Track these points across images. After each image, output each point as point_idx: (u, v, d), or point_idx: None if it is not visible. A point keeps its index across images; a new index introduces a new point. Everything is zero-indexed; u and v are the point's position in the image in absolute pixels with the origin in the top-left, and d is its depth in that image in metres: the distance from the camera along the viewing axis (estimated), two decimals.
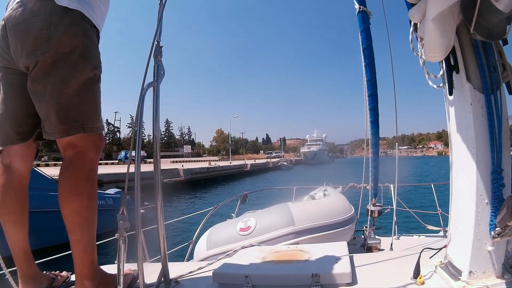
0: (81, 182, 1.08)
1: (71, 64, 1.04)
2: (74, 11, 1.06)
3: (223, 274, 1.23)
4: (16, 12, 1.03)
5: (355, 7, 2.03)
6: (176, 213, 10.55)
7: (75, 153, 1.10)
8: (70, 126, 1.05)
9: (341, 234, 2.00)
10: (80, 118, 1.07)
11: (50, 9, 1.02)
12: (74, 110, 1.06)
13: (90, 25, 1.12)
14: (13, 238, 1.17)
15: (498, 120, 0.96)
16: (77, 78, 1.06)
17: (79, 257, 1.08)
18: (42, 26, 1.01)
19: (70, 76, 1.04)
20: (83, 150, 1.10)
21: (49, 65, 1.02)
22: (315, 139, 79.56)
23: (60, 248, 1.53)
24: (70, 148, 1.10)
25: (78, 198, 1.06)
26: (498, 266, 0.96)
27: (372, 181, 2.24)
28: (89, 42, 1.10)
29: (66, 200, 1.05)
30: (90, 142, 1.11)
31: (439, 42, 0.96)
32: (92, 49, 1.11)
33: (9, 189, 1.16)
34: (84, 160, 1.10)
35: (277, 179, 27.52)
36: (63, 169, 1.09)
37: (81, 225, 1.07)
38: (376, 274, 1.20)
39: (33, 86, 1.05)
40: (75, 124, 1.06)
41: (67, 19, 1.04)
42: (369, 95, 2.13)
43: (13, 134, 1.15)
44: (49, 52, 1.01)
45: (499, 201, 0.92)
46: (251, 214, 2.29)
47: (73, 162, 1.09)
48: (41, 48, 1.01)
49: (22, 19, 1.02)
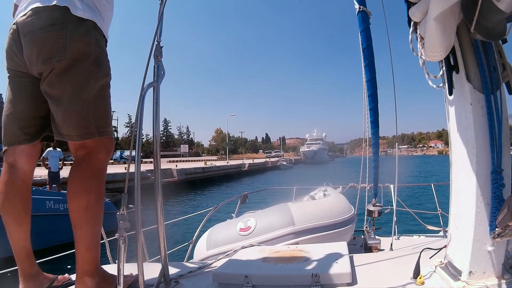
0: (90, 180, 1.12)
1: (86, 71, 1.10)
2: (88, 21, 1.11)
3: (223, 274, 1.23)
4: (32, 19, 1.07)
5: (355, 7, 2.03)
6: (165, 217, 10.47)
7: (86, 153, 1.14)
8: (87, 130, 1.11)
9: (341, 234, 2.00)
10: (95, 122, 1.12)
11: (66, 19, 1.07)
12: (90, 115, 1.11)
13: (101, 35, 1.18)
14: (15, 237, 1.18)
15: (498, 120, 0.95)
16: (92, 84, 1.11)
17: (82, 253, 1.09)
18: (58, 34, 1.05)
19: (85, 83, 1.10)
20: (94, 151, 1.15)
21: (65, 72, 1.07)
22: (315, 138, 79.18)
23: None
24: (82, 149, 1.14)
25: (86, 194, 1.09)
26: (498, 266, 0.96)
27: (372, 181, 2.24)
28: (100, 51, 1.16)
29: (74, 196, 1.09)
30: (101, 144, 1.16)
31: (439, 41, 0.96)
32: (103, 57, 1.17)
33: (13, 188, 1.17)
34: (94, 160, 1.14)
35: (276, 179, 27.22)
36: (73, 167, 1.13)
37: (87, 222, 1.09)
38: (376, 274, 1.20)
39: (49, 90, 1.09)
40: (91, 128, 1.11)
41: (81, 29, 1.09)
42: (369, 95, 2.13)
43: (21, 134, 1.18)
44: (64, 60, 1.06)
45: (499, 201, 0.92)
46: (251, 214, 2.29)
47: (84, 161, 1.14)
48: (57, 56, 1.05)
49: (39, 26, 1.06)
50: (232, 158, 60.06)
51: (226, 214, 3.09)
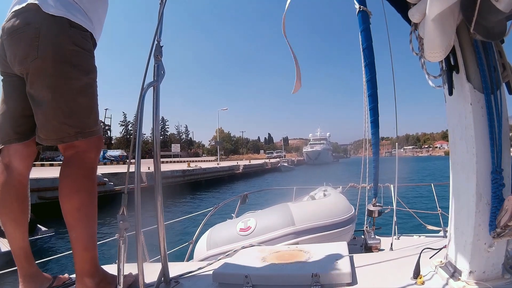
0: (81, 179, 1.10)
1: (61, 72, 1.06)
2: (61, 18, 1.06)
3: (223, 274, 1.23)
4: (11, 22, 1.06)
5: (355, 7, 2.03)
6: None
7: (74, 153, 1.12)
8: (66, 134, 1.08)
9: (341, 234, 2.00)
10: (77, 125, 1.09)
11: (38, 18, 1.04)
12: (69, 118, 1.08)
13: (81, 30, 1.12)
14: (13, 237, 1.18)
15: (498, 120, 0.95)
16: (69, 86, 1.07)
17: (80, 254, 1.09)
18: (31, 34, 1.03)
19: (61, 85, 1.06)
20: (82, 150, 1.12)
21: (40, 72, 1.05)
22: (318, 138, 76.60)
23: None
24: (70, 149, 1.12)
25: (78, 195, 1.08)
26: (498, 266, 0.96)
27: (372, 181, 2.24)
28: (78, 49, 1.09)
29: (66, 197, 1.07)
30: (89, 143, 1.14)
31: (439, 42, 0.96)
32: (82, 55, 1.11)
33: (9, 188, 1.17)
34: (84, 159, 1.13)
35: (275, 184, 21.67)
36: (63, 168, 1.11)
37: (81, 222, 1.08)
38: (376, 274, 1.20)
39: (31, 92, 1.08)
40: (71, 131, 1.08)
41: (54, 28, 1.05)
42: (368, 95, 2.12)
43: (12, 134, 1.17)
44: (37, 59, 1.03)
45: (499, 201, 0.92)
46: (251, 214, 2.29)
47: (73, 161, 1.12)
48: (30, 57, 1.03)
49: (15, 28, 1.05)
50: (231, 159, 57.71)
51: (226, 214, 3.09)
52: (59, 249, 6.39)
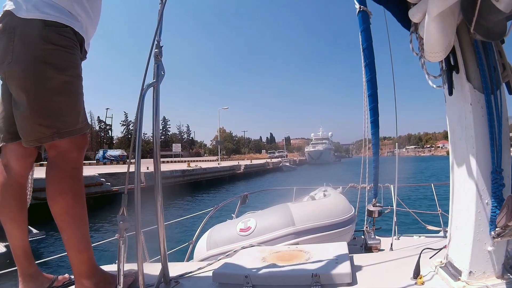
0: (65, 181, 1.10)
1: (35, 73, 1.06)
2: (33, 20, 1.06)
3: (223, 274, 1.23)
4: None
5: (355, 6, 2.03)
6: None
7: (57, 154, 1.12)
8: (42, 134, 1.07)
9: (341, 234, 2.00)
10: (53, 125, 1.08)
11: (14, 23, 1.06)
12: (46, 118, 1.07)
13: (58, 26, 1.09)
14: (13, 236, 1.19)
15: (498, 120, 0.95)
16: (43, 86, 1.06)
17: (74, 256, 1.09)
18: (7, 39, 1.06)
19: (35, 86, 1.06)
20: (65, 150, 1.12)
21: (16, 76, 1.06)
22: (320, 137, 75.98)
23: None
24: (52, 149, 1.12)
25: (63, 197, 1.08)
26: (498, 266, 0.96)
27: (372, 181, 2.24)
28: (53, 47, 1.08)
29: (52, 200, 1.08)
30: (71, 142, 1.12)
31: (439, 42, 0.96)
32: (57, 53, 1.09)
33: (8, 187, 1.19)
34: (67, 159, 1.12)
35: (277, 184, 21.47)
36: (47, 170, 1.11)
37: (70, 224, 1.08)
38: (376, 275, 1.20)
39: (13, 94, 1.09)
40: (47, 132, 1.07)
41: (27, 30, 1.06)
42: (369, 95, 2.12)
43: (6, 134, 1.19)
44: (11, 63, 1.05)
45: (499, 201, 0.92)
46: (251, 214, 2.28)
47: (56, 162, 1.12)
48: (6, 60, 1.05)
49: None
50: (233, 158, 57.62)
51: (226, 214, 3.09)
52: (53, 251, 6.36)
